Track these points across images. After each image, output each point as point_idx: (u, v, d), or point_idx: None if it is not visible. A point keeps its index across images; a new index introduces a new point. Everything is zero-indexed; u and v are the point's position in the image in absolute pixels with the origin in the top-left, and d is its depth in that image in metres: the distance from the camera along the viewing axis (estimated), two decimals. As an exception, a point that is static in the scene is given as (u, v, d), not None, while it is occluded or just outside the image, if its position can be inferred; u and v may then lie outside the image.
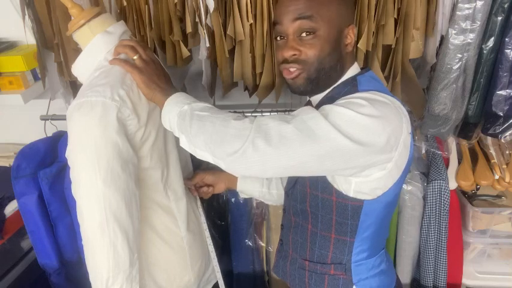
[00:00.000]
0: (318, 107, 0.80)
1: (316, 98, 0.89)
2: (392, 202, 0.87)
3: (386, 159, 0.76)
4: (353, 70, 0.87)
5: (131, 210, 0.83)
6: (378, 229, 0.89)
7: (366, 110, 0.73)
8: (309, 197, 0.89)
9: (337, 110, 0.74)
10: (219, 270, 1.16)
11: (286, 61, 0.82)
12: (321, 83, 0.84)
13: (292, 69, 0.82)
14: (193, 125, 0.79)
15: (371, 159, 0.75)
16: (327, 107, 0.76)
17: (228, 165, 0.76)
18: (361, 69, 0.89)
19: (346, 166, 0.75)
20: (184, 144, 0.82)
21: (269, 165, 0.73)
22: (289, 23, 0.80)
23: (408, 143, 0.80)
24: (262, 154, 0.72)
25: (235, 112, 1.37)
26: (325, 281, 0.93)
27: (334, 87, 0.86)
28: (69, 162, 0.82)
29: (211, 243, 1.14)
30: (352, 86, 0.83)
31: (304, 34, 0.80)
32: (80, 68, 0.91)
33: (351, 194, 0.82)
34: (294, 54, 0.81)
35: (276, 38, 0.85)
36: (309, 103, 0.94)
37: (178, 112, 0.81)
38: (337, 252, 0.90)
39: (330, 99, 0.83)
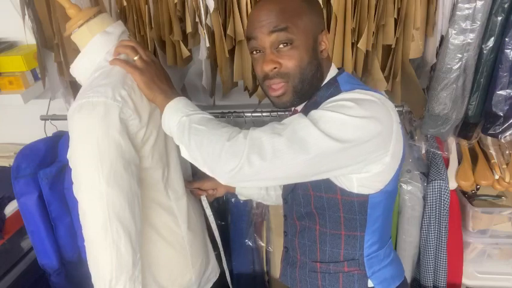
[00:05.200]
0: (304, 112, 0.80)
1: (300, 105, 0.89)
2: (393, 190, 0.89)
3: (383, 154, 0.78)
4: (331, 72, 0.87)
5: (134, 210, 0.83)
6: (385, 219, 0.90)
7: (354, 112, 0.73)
8: (313, 199, 0.89)
9: (327, 115, 0.74)
10: (226, 264, 1.21)
11: (267, 76, 0.81)
12: (306, 93, 0.84)
13: (276, 86, 0.81)
14: (192, 140, 0.80)
15: (368, 158, 0.76)
16: (316, 113, 0.76)
17: (227, 181, 0.78)
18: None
19: (343, 168, 0.77)
20: (184, 155, 0.83)
21: (266, 178, 0.75)
22: (265, 36, 0.78)
23: (400, 133, 0.81)
24: (258, 169, 0.73)
25: (235, 112, 1.37)
26: (340, 279, 0.92)
27: (317, 92, 0.86)
28: (71, 164, 0.82)
29: (220, 242, 1.20)
30: (334, 88, 0.84)
31: (281, 46, 0.78)
32: (79, 69, 0.91)
33: (355, 190, 0.83)
34: (275, 67, 0.79)
35: (251, 52, 0.84)
36: (294, 110, 0.94)
37: (177, 122, 0.82)
38: (349, 248, 0.90)
39: (314, 104, 0.84)
